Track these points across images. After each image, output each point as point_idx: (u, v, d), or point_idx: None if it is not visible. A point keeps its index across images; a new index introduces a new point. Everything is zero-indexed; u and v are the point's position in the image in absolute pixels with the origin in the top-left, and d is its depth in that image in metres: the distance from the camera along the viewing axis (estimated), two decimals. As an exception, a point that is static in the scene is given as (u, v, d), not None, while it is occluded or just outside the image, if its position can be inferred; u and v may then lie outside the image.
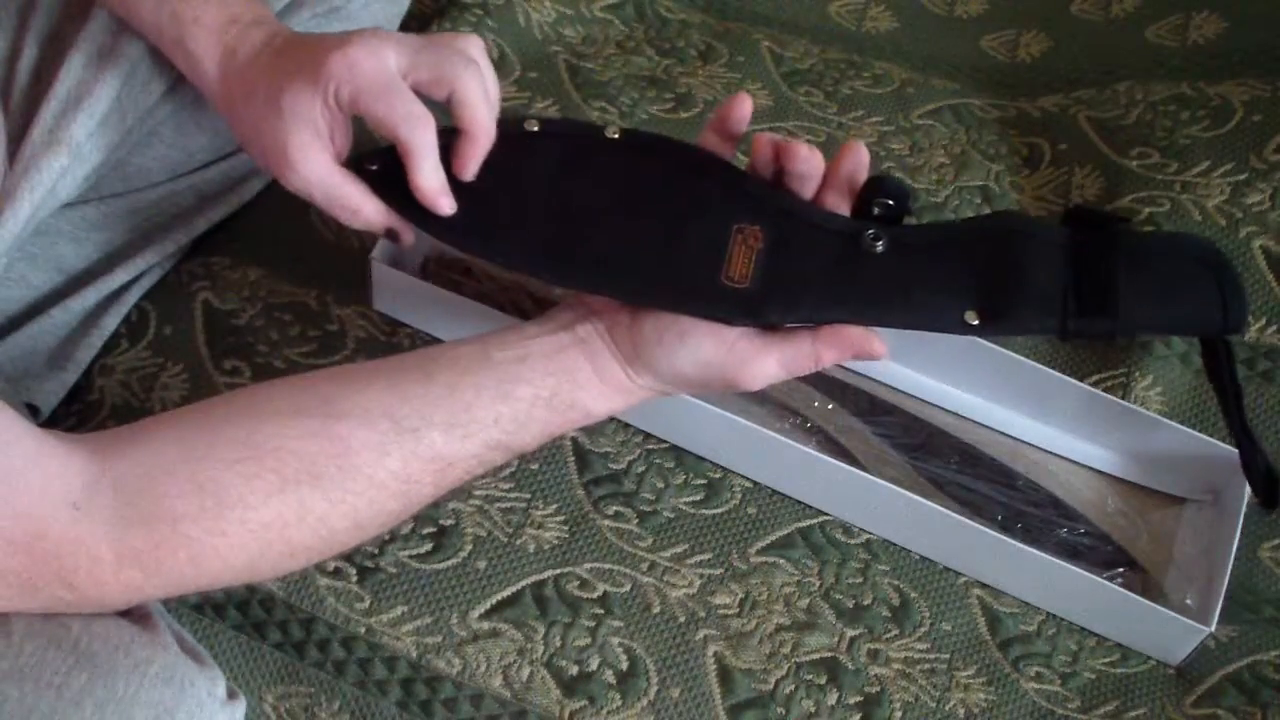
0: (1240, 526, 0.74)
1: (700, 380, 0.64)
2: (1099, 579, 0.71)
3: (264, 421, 0.58)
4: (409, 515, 0.61)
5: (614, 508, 0.75)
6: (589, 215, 0.65)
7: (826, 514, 0.76)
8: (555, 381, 0.62)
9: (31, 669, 0.52)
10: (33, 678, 0.52)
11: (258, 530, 0.56)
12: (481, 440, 0.61)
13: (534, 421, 0.62)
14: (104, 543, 0.53)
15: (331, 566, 0.71)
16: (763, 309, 0.62)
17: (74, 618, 0.55)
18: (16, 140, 0.71)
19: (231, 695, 0.57)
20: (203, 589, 0.58)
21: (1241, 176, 0.88)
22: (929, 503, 0.72)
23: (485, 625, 0.71)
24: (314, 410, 0.59)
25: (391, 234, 0.68)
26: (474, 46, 0.66)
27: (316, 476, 0.57)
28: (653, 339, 0.62)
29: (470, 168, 0.64)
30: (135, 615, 0.58)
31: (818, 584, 0.74)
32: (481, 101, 0.63)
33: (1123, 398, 0.80)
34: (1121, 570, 0.74)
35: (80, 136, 0.71)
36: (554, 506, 0.75)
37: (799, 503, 0.76)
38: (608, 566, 0.73)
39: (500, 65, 0.94)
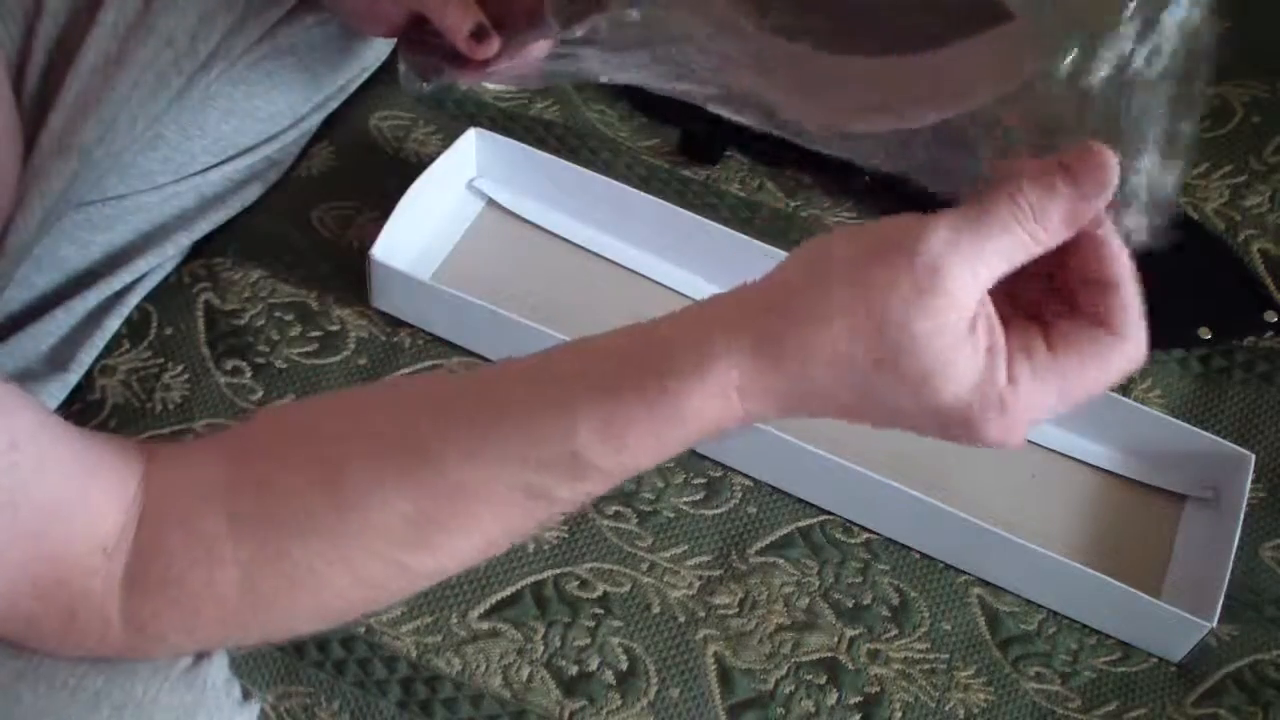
0: (1241, 524, 0.74)
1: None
2: (1101, 575, 0.71)
3: (278, 470, 0.50)
4: (446, 572, 0.50)
5: (614, 507, 0.75)
6: None
7: (826, 513, 0.76)
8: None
9: (45, 670, 0.50)
10: (46, 679, 0.50)
11: (245, 591, 0.49)
12: (520, 460, 0.47)
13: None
14: (115, 602, 0.49)
15: (331, 566, 0.71)
16: None
17: None
18: (26, 146, 0.71)
19: (246, 695, 0.55)
20: (198, 650, 0.52)
21: (1241, 179, 0.88)
22: (929, 499, 0.72)
23: (485, 625, 0.71)
24: (323, 442, 0.50)
25: (481, 31, 0.68)
26: None
27: (313, 530, 0.48)
28: None
29: None
30: None
31: (817, 584, 0.74)
32: None
33: (1122, 400, 0.80)
34: None
35: (89, 142, 0.71)
36: (554, 506, 0.75)
37: (799, 502, 0.76)
38: (608, 566, 0.73)
39: (501, 67, 0.94)
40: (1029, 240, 0.43)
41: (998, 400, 0.44)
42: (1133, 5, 0.43)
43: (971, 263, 0.42)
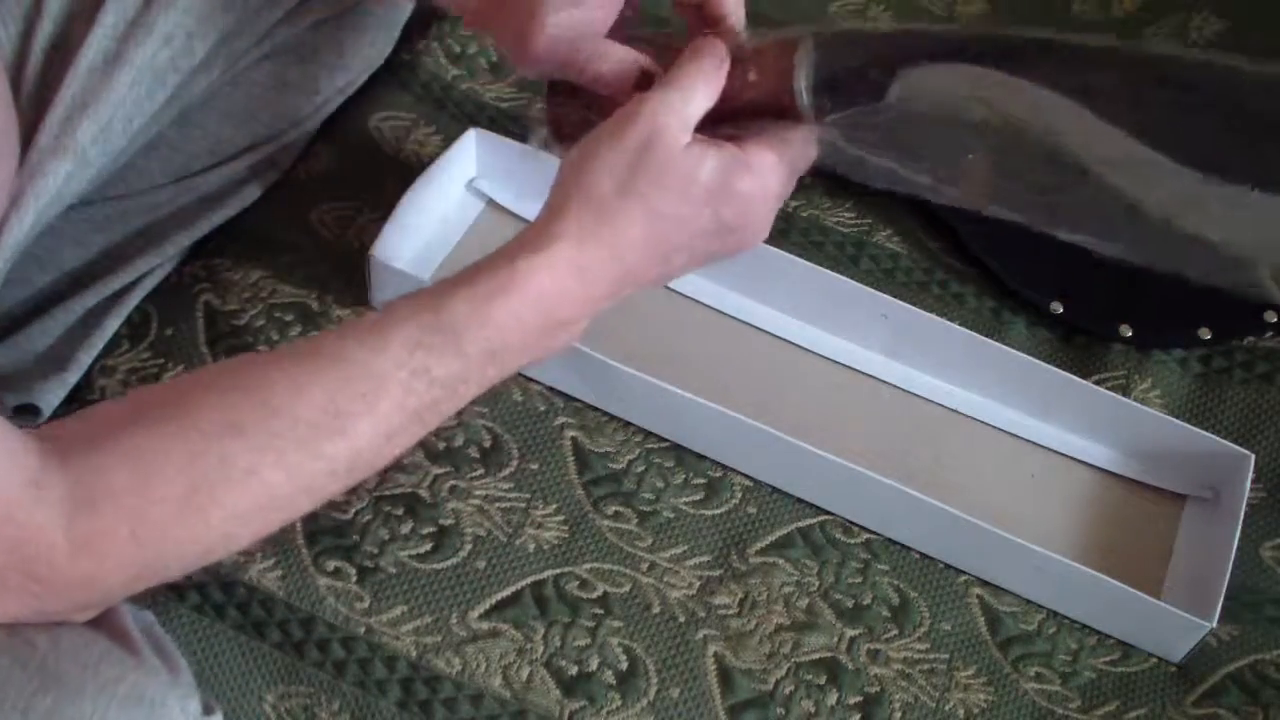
0: (1241, 524, 0.74)
1: None
2: (1101, 576, 0.72)
3: (192, 384, 0.56)
4: (360, 463, 0.56)
5: (614, 508, 0.75)
6: None
7: (826, 513, 0.76)
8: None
9: None
10: None
11: (188, 493, 0.52)
12: (401, 341, 0.56)
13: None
14: (59, 528, 0.51)
15: (331, 567, 0.71)
16: None
17: (40, 634, 0.52)
18: (23, 145, 0.71)
19: (208, 710, 0.55)
20: (158, 577, 0.54)
21: (1241, 178, 0.88)
22: (929, 499, 0.72)
23: (485, 625, 0.71)
24: (238, 363, 0.58)
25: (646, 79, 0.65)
26: None
27: (235, 425, 0.53)
28: None
29: None
30: (107, 627, 0.56)
31: (817, 584, 0.74)
32: None
33: (1122, 401, 0.81)
34: None
35: (85, 142, 0.71)
36: (554, 506, 0.75)
37: (799, 502, 0.76)
38: (608, 566, 0.73)
39: (499, 67, 0.94)
40: (713, 82, 0.61)
41: (744, 162, 0.59)
42: None
43: (680, 110, 0.59)
